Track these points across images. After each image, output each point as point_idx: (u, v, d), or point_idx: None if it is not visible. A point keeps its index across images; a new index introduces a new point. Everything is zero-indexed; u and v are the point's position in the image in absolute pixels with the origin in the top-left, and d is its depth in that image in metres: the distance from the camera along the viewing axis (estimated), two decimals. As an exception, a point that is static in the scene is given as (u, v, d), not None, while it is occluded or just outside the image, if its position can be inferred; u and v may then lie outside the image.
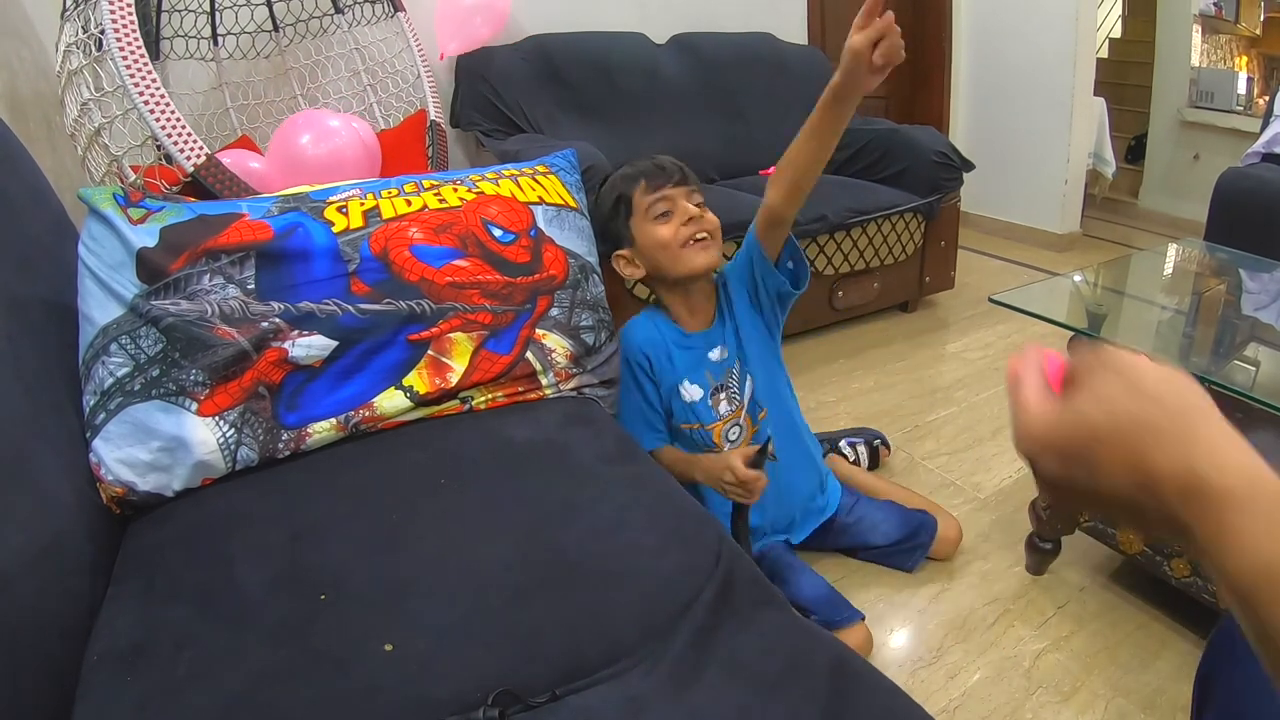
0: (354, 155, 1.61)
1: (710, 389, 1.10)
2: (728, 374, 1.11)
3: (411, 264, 0.90)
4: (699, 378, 1.09)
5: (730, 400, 1.11)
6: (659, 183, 0.99)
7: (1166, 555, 1.09)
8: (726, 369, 1.11)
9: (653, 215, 1.00)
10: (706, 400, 1.10)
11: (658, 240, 1.00)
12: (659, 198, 1.00)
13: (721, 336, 1.11)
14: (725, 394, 1.11)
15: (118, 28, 1.20)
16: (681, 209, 1.00)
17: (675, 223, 1.00)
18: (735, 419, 1.12)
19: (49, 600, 0.58)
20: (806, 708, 0.54)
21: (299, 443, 0.83)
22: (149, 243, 0.80)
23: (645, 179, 1.00)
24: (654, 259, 1.02)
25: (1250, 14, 3.36)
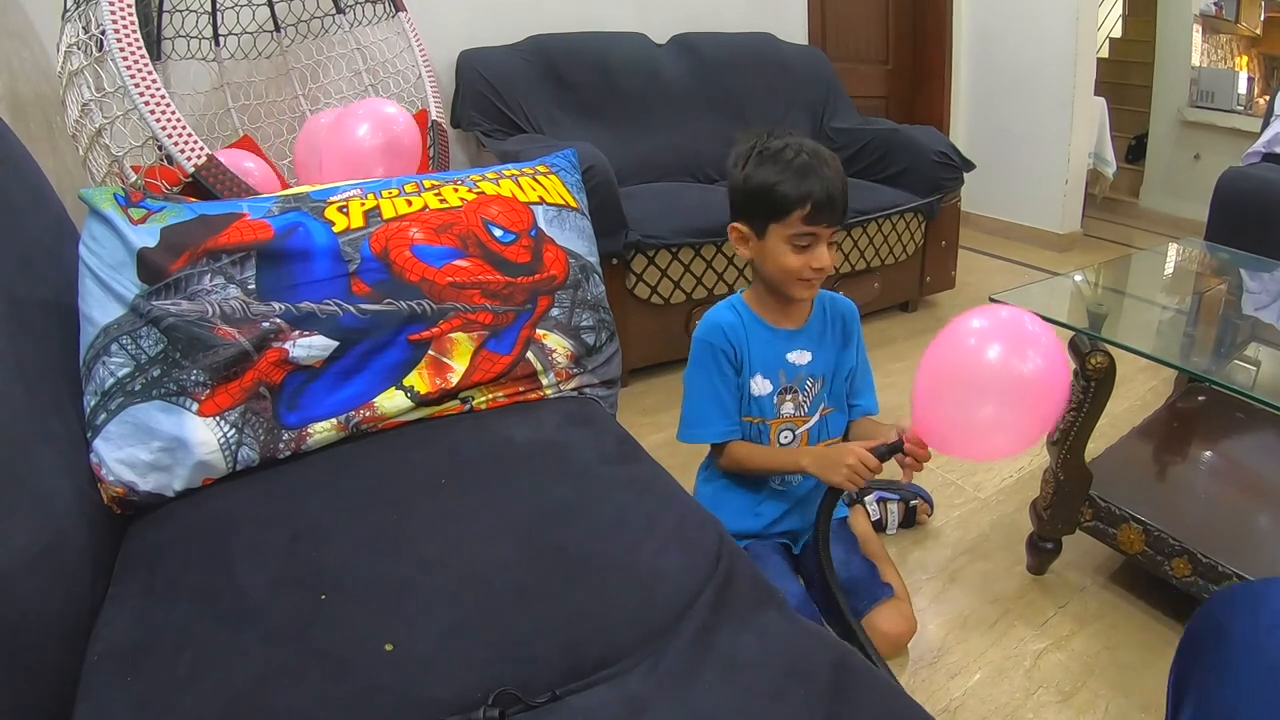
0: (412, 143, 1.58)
1: (780, 387, 1.08)
2: (805, 380, 1.09)
3: (412, 264, 0.90)
4: (772, 373, 1.08)
5: (797, 406, 1.10)
6: (819, 220, 0.96)
7: (1167, 555, 1.09)
8: (806, 375, 1.09)
9: (793, 240, 0.97)
10: (773, 397, 1.08)
11: (783, 262, 0.99)
12: (811, 232, 0.97)
13: (810, 344, 1.09)
14: (793, 398, 1.09)
15: (118, 28, 1.20)
16: (818, 255, 0.98)
17: (805, 259, 0.98)
18: (792, 424, 1.10)
19: (49, 600, 0.58)
20: (807, 708, 0.54)
21: (299, 443, 0.83)
22: (150, 243, 0.80)
23: (813, 206, 0.94)
24: (768, 265, 1.01)
25: (1250, 14, 3.36)
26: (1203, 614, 0.56)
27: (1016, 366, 0.79)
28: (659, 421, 1.75)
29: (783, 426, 1.10)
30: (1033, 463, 1.59)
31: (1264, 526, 1.16)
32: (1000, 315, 0.83)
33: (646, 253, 1.86)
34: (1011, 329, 0.81)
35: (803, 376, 1.09)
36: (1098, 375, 1.11)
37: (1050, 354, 0.79)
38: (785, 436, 1.10)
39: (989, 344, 0.81)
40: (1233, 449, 1.40)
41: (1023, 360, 0.79)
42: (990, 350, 0.80)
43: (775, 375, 1.08)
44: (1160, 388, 1.90)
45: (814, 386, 1.10)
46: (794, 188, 0.94)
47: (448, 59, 2.19)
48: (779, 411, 1.09)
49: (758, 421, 1.09)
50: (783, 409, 1.09)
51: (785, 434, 1.10)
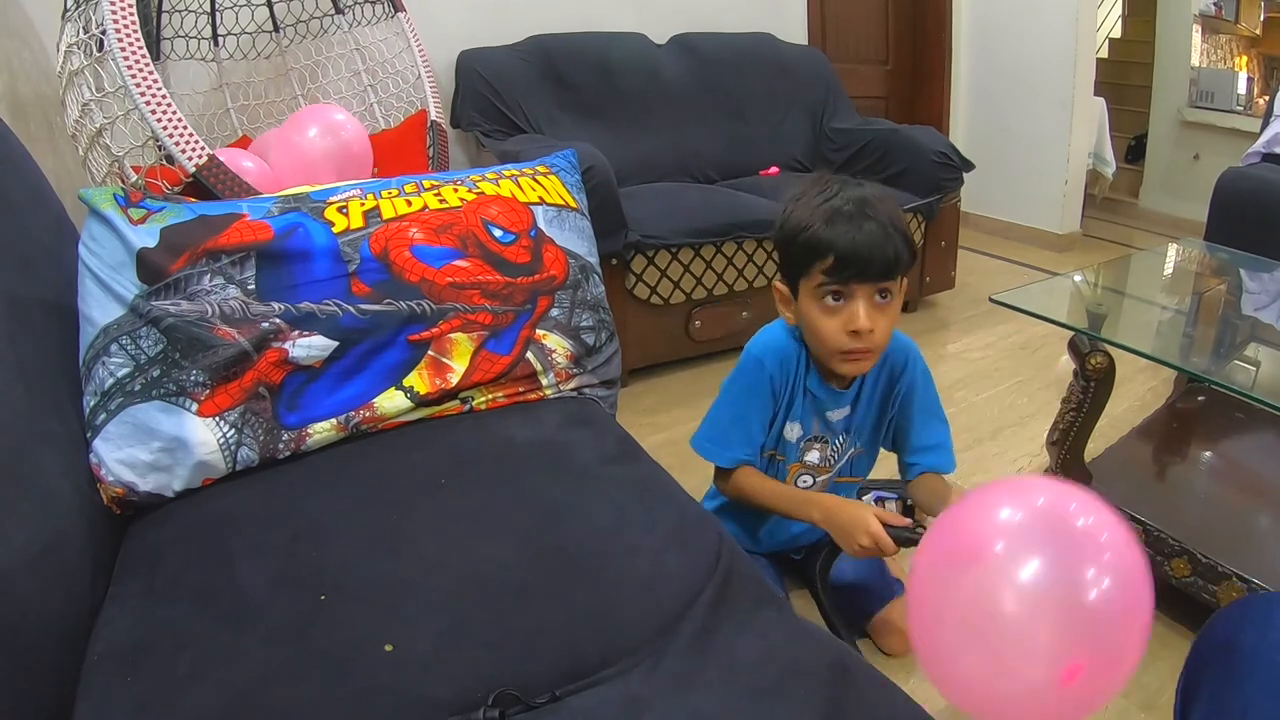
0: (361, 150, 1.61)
1: (810, 434, 1.00)
2: (837, 436, 1.01)
3: (412, 264, 0.90)
4: (807, 420, 0.99)
5: (823, 458, 1.02)
6: (845, 275, 0.81)
7: (1167, 555, 1.09)
8: (838, 433, 1.01)
9: (823, 295, 0.83)
10: (800, 442, 1.00)
11: (816, 327, 0.85)
12: (838, 287, 0.83)
13: (851, 403, 1.00)
14: (821, 447, 1.01)
15: (119, 28, 1.20)
16: (852, 314, 0.82)
17: (840, 321, 0.83)
18: (811, 472, 1.03)
19: (49, 600, 0.58)
20: (807, 708, 0.54)
21: (299, 443, 0.83)
22: (149, 243, 0.80)
23: (835, 258, 0.80)
24: (806, 332, 0.89)
25: (1250, 14, 3.36)
26: (1212, 627, 0.57)
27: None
28: (659, 421, 1.75)
29: (802, 471, 1.02)
30: (1033, 463, 1.59)
31: (1264, 526, 1.16)
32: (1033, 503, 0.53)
33: (646, 253, 1.86)
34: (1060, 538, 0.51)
35: (836, 430, 1.01)
36: (1097, 375, 1.12)
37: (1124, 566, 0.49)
38: (804, 480, 1.04)
39: None
40: (1232, 449, 1.40)
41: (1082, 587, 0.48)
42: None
43: (809, 424, 1.00)
44: (1160, 388, 1.90)
45: (844, 441, 1.02)
46: (818, 234, 0.82)
47: (448, 59, 2.19)
48: (803, 457, 1.02)
49: (779, 458, 1.02)
50: (807, 456, 1.02)
51: (804, 478, 1.04)
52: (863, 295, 0.82)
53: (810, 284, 0.85)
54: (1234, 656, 0.52)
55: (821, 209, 0.83)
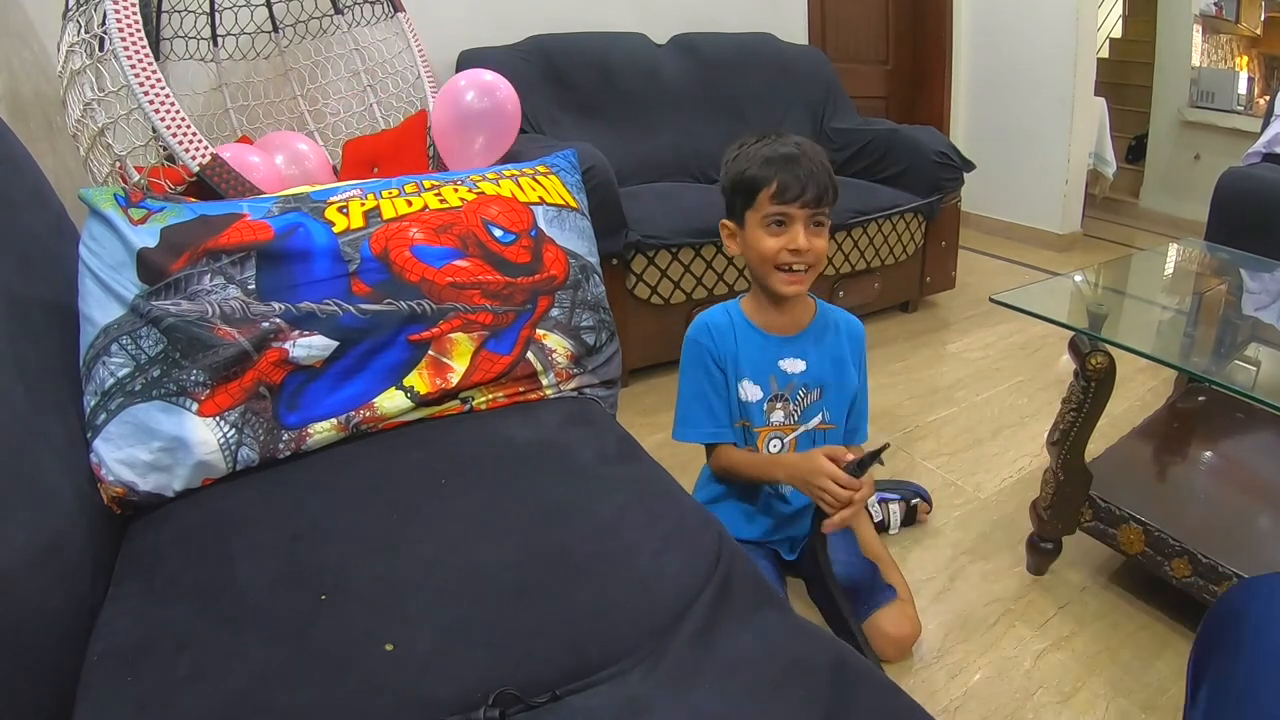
0: None
1: (770, 394, 1.06)
2: (798, 389, 1.06)
3: (412, 264, 0.90)
4: (762, 379, 1.05)
5: (787, 415, 1.07)
6: (789, 195, 0.95)
7: (1167, 555, 1.09)
8: (799, 384, 1.06)
9: (767, 221, 0.97)
10: (762, 404, 1.06)
11: (758, 247, 0.98)
12: (780, 212, 0.96)
13: (806, 351, 1.06)
14: (783, 406, 1.07)
15: (122, 27, 1.20)
16: (793, 234, 0.96)
17: (781, 242, 0.97)
18: (781, 432, 1.07)
19: (49, 600, 0.58)
20: (807, 708, 0.54)
21: (299, 443, 0.83)
22: (150, 243, 0.80)
23: (779, 182, 0.95)
24: (750, 256, 1.01)
25: (1250, 14, 3.36)
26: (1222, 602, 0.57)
27: None
28: (659, 421, 1.75)
29: (771, 435, 1.07)
30: (1033, 463, 1.59)
31: (1264, 526, 1.16)
32: None
33: (646, 253, 1.85)
34: None
35: (795, 385, 1.06)
36: (1098, 375, 1.11)
37: None
38: (774, 445, 1.08)
39: None
40: (1233, 449, 1.40)
41: None
42: None
43: (765, 381, 1.06)
44: (1160, 388, 1.90)
45: (807, 396, 1.07)
46: (761, 169, 0.96)
47: (448, 59, 2.19)
48: (768, 419, 1.07)
49: (746, 426, 1.08)
50: (772, 417, 1.07)
51: (774, 443, 1.08)
52: (800, 220, 0.96)
53: (757, 214, 0.98)
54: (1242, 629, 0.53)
55: (764, 153, 0.97)
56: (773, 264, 0.98)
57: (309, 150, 1.65)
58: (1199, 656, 0.56)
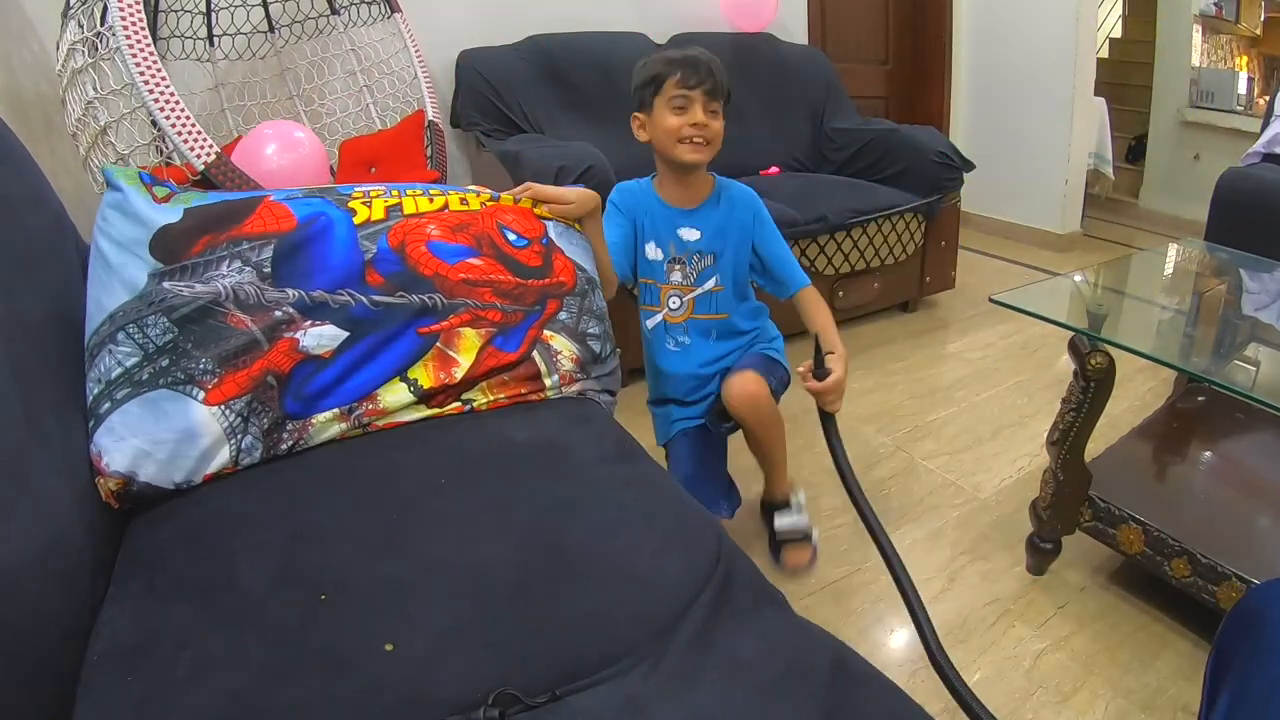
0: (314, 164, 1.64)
1: (670, 257, 1.22)
2: (692, 255, 1.22)
3: (427, 259, 0.91)
4: (663, 243, 1.22)
5: (684, 276, 1.23)
6: (690, 82, 1.10)
7: (1167, 555, 1.09)
8: (693, 250, 1.22)
9: (672, 104, 1.12)
10: (663, 264, 1.22)
11: (664, 125, 1.13)
12: (682, 94, 1.11)
13: (702, 223, 1.22)
14: (680, 268, 1.23)
15: (127, 26, 1.20)
16: (693, 112, 1.11)
17: (683, 119, 1.12)
18: (678, 291, 1.24)
19: (49, 600, 0.58)
20: (806, 708, 0.54)
21: (302, 433, 0.83)
22: (172, 220, 0.81)
23: (681, 73, 1.11)
24: (657, 137, 1.16)
25: (1250, 14, 3.36)
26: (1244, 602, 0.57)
27: None
28: (659, 421, 1.74)
29: (671, 292, 1.24)
30: (1033, 463, 1.59)
31: (1264, 526, 1.16)
32: None
33: (646, 253, 1.85)
34: None
35: (690, 251, 1.22)
36: (1097, 375, 1.11)
37: None
38: (673, 301, 1.24)
39: None
40: (1232, 449, 1.40)
41: None
42: None
43: (666, 246, 1.22)
44: (1160, 388, 1.90)
45: (700, 261, 1.23)
46: (667, 65, 1.12)
47: (447, 59, 2.19)
48: (668, 278, 1.24)
49: (651, 283, 1.24)
50: (671, 276, 1.23)
51: (674, 299, 1.24)
52: (699, 102, 1.12)
53: (664, 99, 1.13)
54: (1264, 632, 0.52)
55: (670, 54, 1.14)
56: (675, 138, 1.13)
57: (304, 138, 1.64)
58: (1218, 660, 0.55)
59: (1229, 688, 0.52)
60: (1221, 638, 0.57)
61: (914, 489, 1.51)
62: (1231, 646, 0.55)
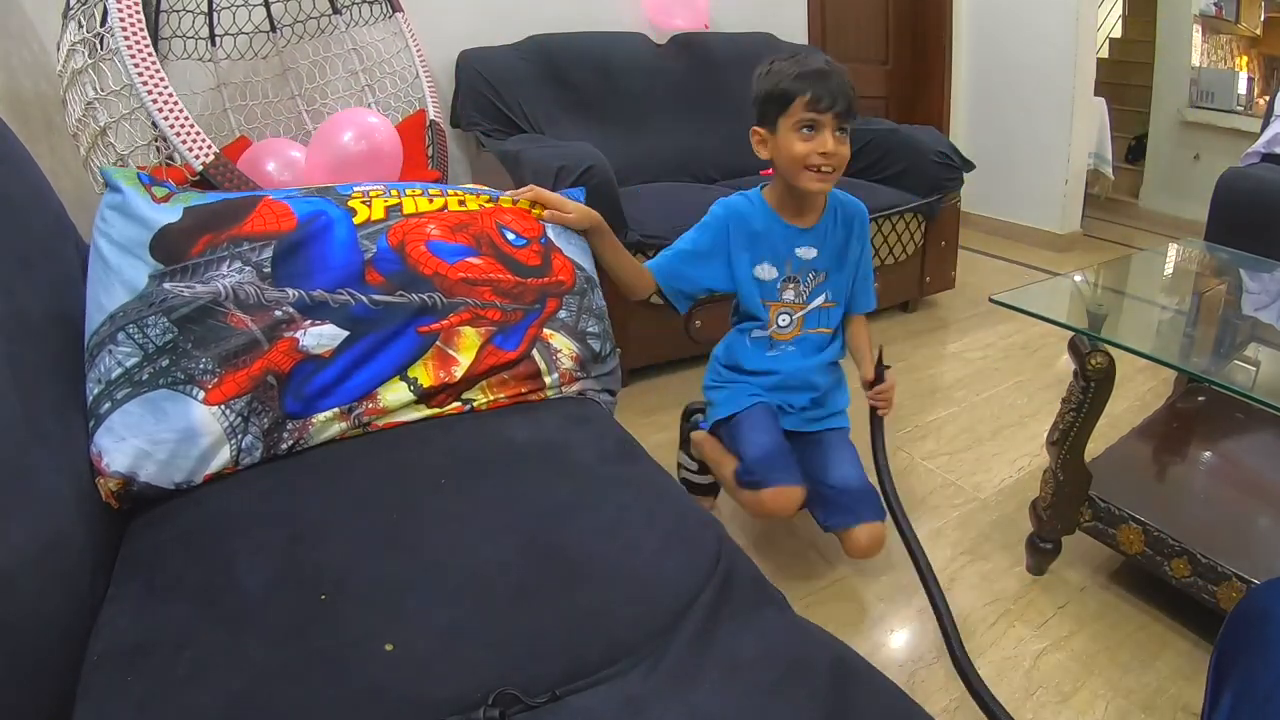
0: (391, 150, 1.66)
1: (784, 275, 1.20)
2: (808, 273, 1.20)
3: (426, 258, 0.91)
4: (779, 262, 1.19)
5: (797, 295, 1.21)
6: (820, 107, 1.05)
7: (1167, 555, 1.09)
8: (809, 268, 1.20)
9: (799, 128, 1.07)
10: (776, 283, 1.20)
11: (790, 151, 1.08)
12: (811, 119, 1.06)
13: (818, 241, 1.20)
14: (794, 286, 1.21)
15: (125, 26, 1.20)
16: (822, 140, 1.07)
17: (811, 146, 1.07)
18: (789, 309, 1.21)
19: (49, 600, 0.58)
20: (807, 708, 0.54)
21: (302, 432, 0.83)
22: (172, 219, 0.81)
23: (812, 93, 1.04)
24: (781, 158, 1.12)
25: (1250, 14, 3.36)
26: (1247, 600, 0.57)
27: None
28: (659, 421, 1.75)
29: (781, 310, 1.22)
30: (1032, 463, 1.59)
31: (1264, 526, 1.16)
32: None
33: (646, 253, 1.85)
34: None
35: (806, 269, 1.20)
36: (1098, 375, 1.11)
37: None
38: (783, 319, 1.22)
39: None
40: (1232, 449, 1.40)
41: None
42: None
43: (781, 265, 1.19)
44: (1160, 388, 1.90)
45: (815, 279, 1.21)
46: (795, 81, 1.06)
47: (447, 59, 2.19)
48: (780, 296, 1.21)
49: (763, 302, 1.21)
50: (784, 295, 1.21)
51: (783, 316, 1.22)
52: (829, 127, 1.07)
53: (790, 120, 1.08)
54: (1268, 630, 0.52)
55: (798, 68, 1.07)
56: (803, 165, 1.08)
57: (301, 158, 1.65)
58: (1221, 659, 0.55)
59: (1232, 687, 0.52)
60: (1224, 637, 0.57)
61: (914, 489, 1.51)
62: (1234, 646, 0.55)
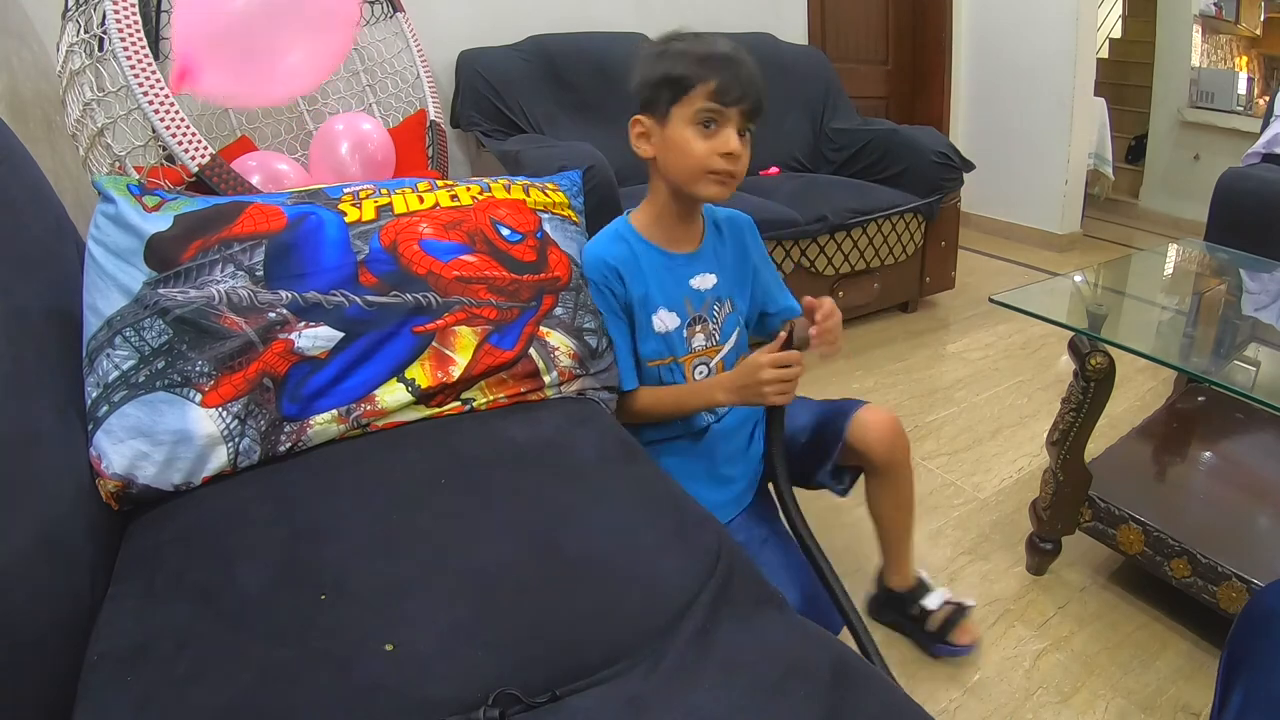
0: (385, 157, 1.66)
1: (688, 319, 0.98)
2: (713, 306, 1.00)
3: (420, 257, 0.91)
4: (677, 305, 0.97)
5: (708, 337, 1.00)
6: (725, 99, 0.86)
7: (1167, 555, 1.09)
8: (713, 300, 1.00)
9: (698, 120, 0.88)
10: (681, 331, 0.98)
11: (688, 148, 0.89)
12: (713, 112, 0.87)
13: (711, 264, 1.00)
14: (703, 327, 0.99)
15: (121, 28, 1.20)
16: (726, 138, 0.88)
17: (713, 145, 0.88)
18: (705, 357, 1.00)
19: (49, 600, 0.58)
20: (806, 708, 0.54)
21: (299, 435, 0.83)
22: (162, 228, 0.81)
23: (719, 81, 0.86)
24: (672, 157, 0.91)
25: (1250, 14, 3.36)
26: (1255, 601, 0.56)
27: None
28: (659, 421, 1.75)
29: (697, 361, 1.00)
30: (1033, 463, 1.59)
31: (1264, 526, 1.16)
32: None
33: (646, 253, 1.85)
34: None
35: (709, 302, 0.99)
36: (1097, 376, 1.12)
37: None
38: (700, 372, 1.01)
39: None
40: (1232, 449, 1.40)
41: None
42: None
43: (680, 306, 0.98)
44: (1160, 388, 1.90)
45: (721, 310, 1.01)
46: (697, 63, 0.88)
47: (448, 59, 2.19)
48: (690, 346, 0.99)
49: (669, 361, 0.99)
50: (694, 342, 0.99)
51: (700, 369, 1.01)
52: (734, 124, 0.88)
53: (688, 110, 0.88)
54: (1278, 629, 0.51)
55: (700, 50, 0.90)
56: (704, 169, 0.89)
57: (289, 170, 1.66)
58: (1231, 660, 0.55)
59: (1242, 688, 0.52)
60: (1234, 638, 0.56)
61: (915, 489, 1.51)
62: (1244, 647, 0.55)
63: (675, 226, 0.98)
